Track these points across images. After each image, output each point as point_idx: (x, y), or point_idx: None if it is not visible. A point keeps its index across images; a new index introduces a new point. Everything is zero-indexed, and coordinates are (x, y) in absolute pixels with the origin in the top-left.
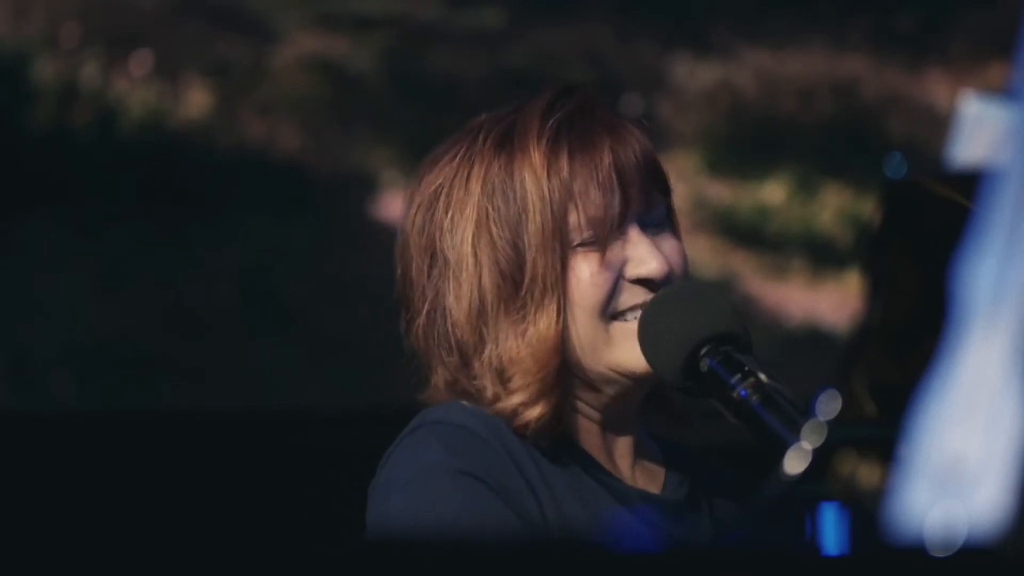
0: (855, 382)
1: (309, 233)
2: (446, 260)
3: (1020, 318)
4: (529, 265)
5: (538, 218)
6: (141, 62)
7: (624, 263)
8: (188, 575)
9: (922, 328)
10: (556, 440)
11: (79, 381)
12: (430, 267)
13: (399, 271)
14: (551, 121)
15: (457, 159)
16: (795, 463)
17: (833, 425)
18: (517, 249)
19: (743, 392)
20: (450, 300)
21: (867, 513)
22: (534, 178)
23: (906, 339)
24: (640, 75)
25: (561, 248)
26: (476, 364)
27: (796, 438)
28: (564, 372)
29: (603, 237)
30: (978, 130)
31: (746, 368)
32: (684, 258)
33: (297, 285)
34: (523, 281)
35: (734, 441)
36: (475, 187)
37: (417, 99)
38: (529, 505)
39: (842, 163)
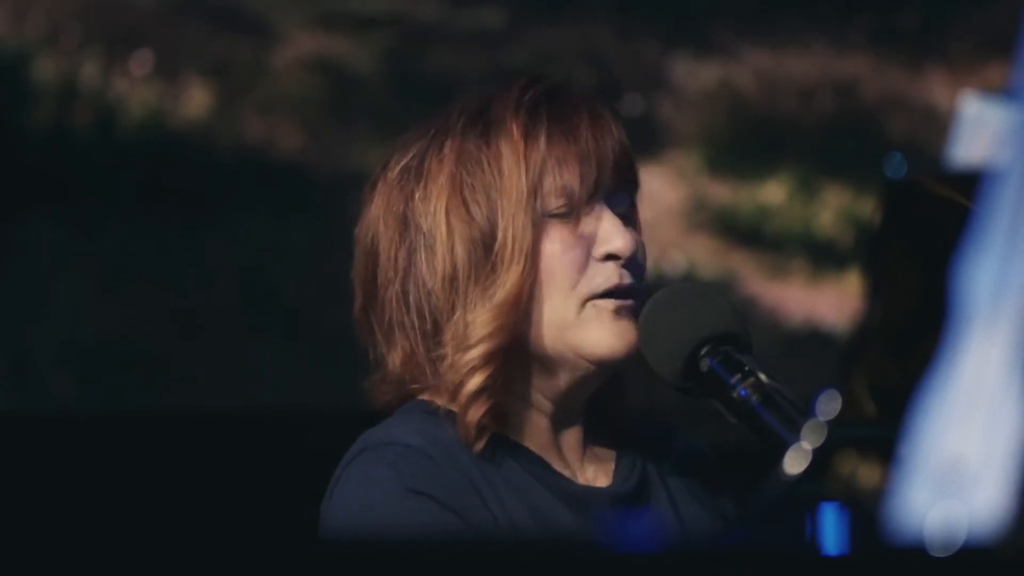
0: (855, 382)
1: (309, 233)
2: (419, 229)
3: (1020, 318)
4: (501, 230)
5: (513, 183)
6: (141, 62)
7: (592, 239)
8: (188, 575)
9: (922, 328)
10: (502, 445)
11: (79, 381)
12: (401, 238)
13: (362, 248)
14: (528, 95)
15: (429, 136)
16: (795, 463)
17: (833, 425)
18: (490, 214)
19: (743, 392)
20: (423, 269)
21: (867, 513)
22: (511, 145)
23: (906, 339)
24: (640, 75)
25: (534, 215)
26: (447, 331)
27: (796, 438)
28: (523, 351)
29: (576, 209)
30: (978, 130)
31: (746, 368)
32: (645, 251)
33: (297, 285)
34: (494, 246)
35: (734, 441)
36: (449, 156)
37: (417, 99)
38: (482, 519)
39: (842, 163)
